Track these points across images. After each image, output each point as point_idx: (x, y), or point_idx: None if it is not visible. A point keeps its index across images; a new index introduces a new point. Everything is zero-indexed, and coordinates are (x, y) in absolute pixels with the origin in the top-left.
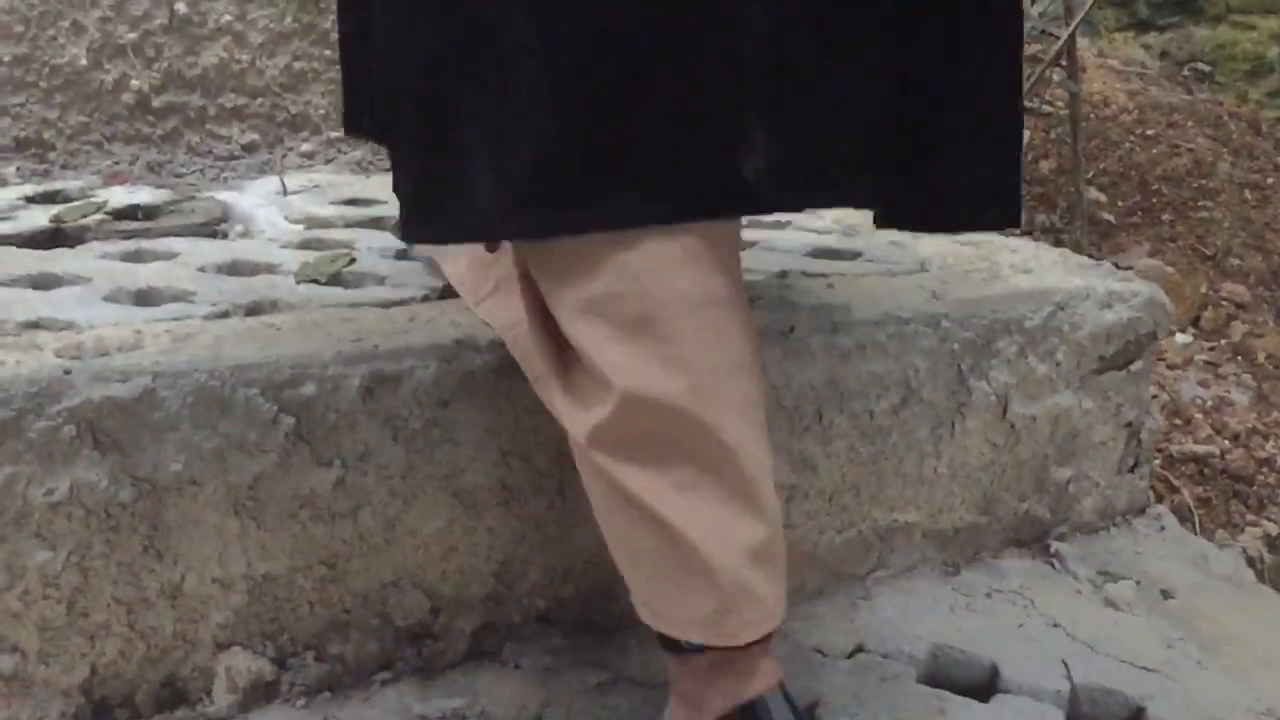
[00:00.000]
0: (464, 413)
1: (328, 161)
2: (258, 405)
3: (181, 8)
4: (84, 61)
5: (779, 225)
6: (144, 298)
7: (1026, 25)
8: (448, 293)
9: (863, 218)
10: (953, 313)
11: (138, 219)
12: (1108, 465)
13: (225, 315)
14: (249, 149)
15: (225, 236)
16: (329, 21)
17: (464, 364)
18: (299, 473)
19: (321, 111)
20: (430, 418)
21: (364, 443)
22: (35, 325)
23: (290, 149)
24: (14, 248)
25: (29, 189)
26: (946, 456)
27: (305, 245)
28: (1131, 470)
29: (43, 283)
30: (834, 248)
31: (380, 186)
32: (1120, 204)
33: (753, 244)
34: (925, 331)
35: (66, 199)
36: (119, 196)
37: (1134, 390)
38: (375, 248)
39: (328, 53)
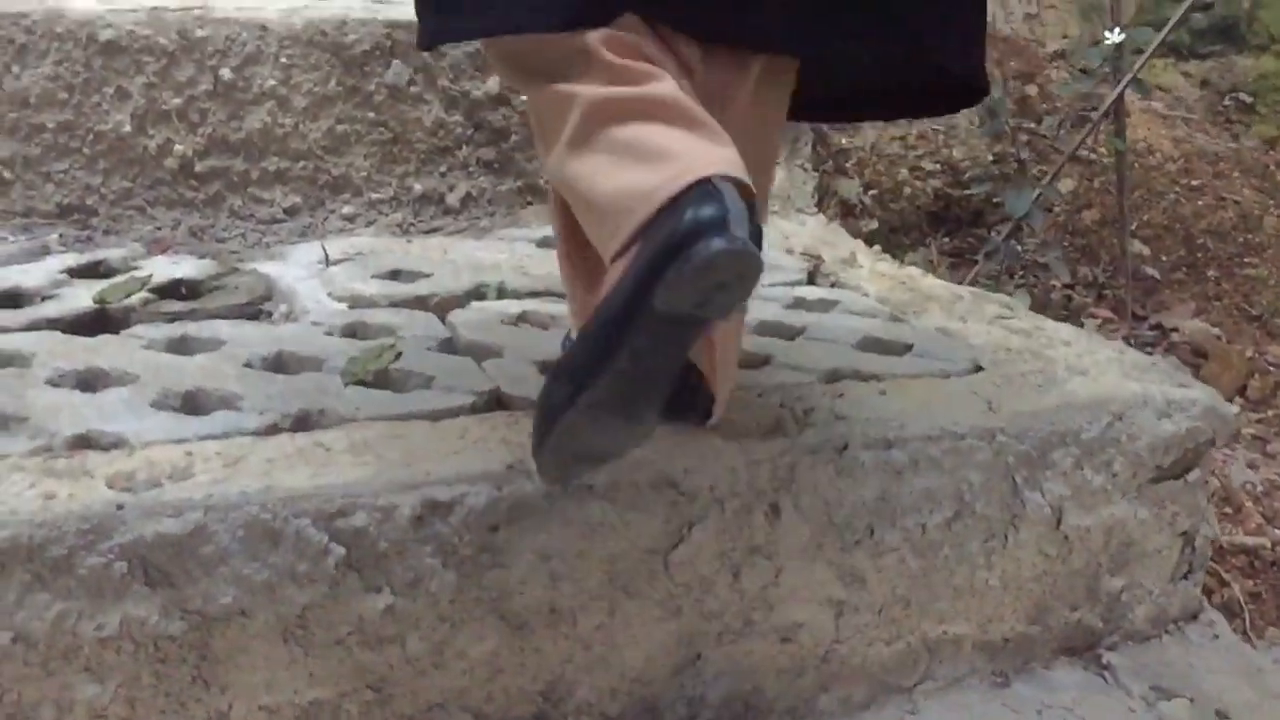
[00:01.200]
0: (514, 537)
1: (369, 224)
2: (309, 536)
3: (226, 73)
4: (128, 127)
5: (825, 308)
6: (192, 402)
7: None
8: (497, 400)
9: (906, 295)
10: (1008, 426)
11: (181, 296)
12: (1161, 573)
13: (275, 428)
14: (291, 212)
15: (270, 317)
16: (372, 84)
17: (516, 489)
18: (348, 600)
19: (363, 173)
20: (481, 543)
21: (413, 570)
22: (85, 441)
23: (332, 211)
24: (60, 333)
25: (72, 259)
26: (998, 568)
27: (350, 332)
28: (1185, 577)
29: (89, 380)
30: (882, 338)
31: (421, 254)
32: (1164, 258)
33: (801, 330)
34: (980, 446)
35: (109, 270)
36: (162, 269)
37: (1191, 499)
38: (420, 335)
39: (370, 115)
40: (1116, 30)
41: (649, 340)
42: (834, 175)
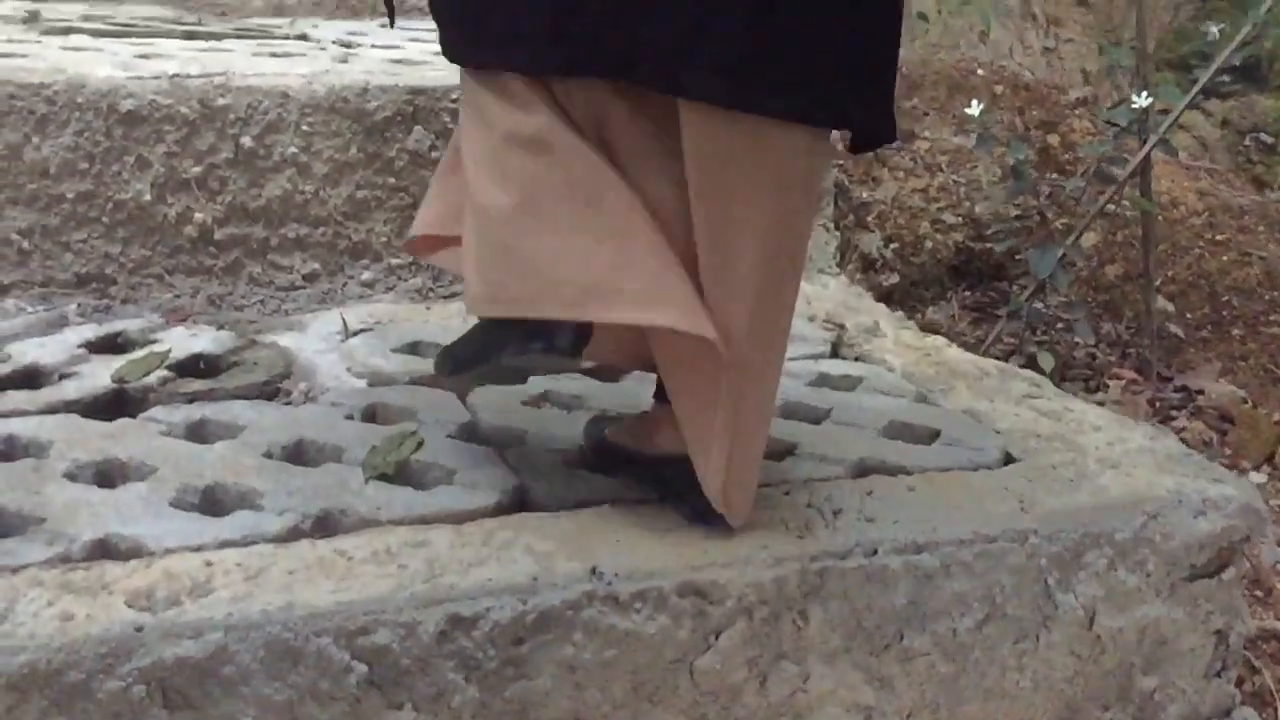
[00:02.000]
0: (539, 649)
1: (389, 289)
2: (330, 655)
3: (247, 141)
4: (148, 196)
5: (850, 385)
6: (211, 500)
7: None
8: (521, 498)
9: (931, 370)
10: (1041, 527)
11: (200, 372)
12: (1195, 671)
13: (296, 531)
14: (310, 279)
15: (289, 396)
16: (394, 149)
17: (541, 601)
18: (369, 718)
19: (383, 239)
20: (505, 656)
21: (436, 685)
22: (103, 547)
23: (351, 277)
24: (78, 416)
25: (90, 331)
26: (1030, 670)
27: (370, 415)
28: (1219, 674)
29: (108, 473)
30: (910, 423)
31: (440, 321)
32: (1189, 316)
33: (827, 413)
34: (1013, 548)
35: (128, 342)
36: (181, 343)
37: (1225, 597)
38: (441, 419)
39: (391, 180)
40: (1144, 94)
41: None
42: (854, 229)
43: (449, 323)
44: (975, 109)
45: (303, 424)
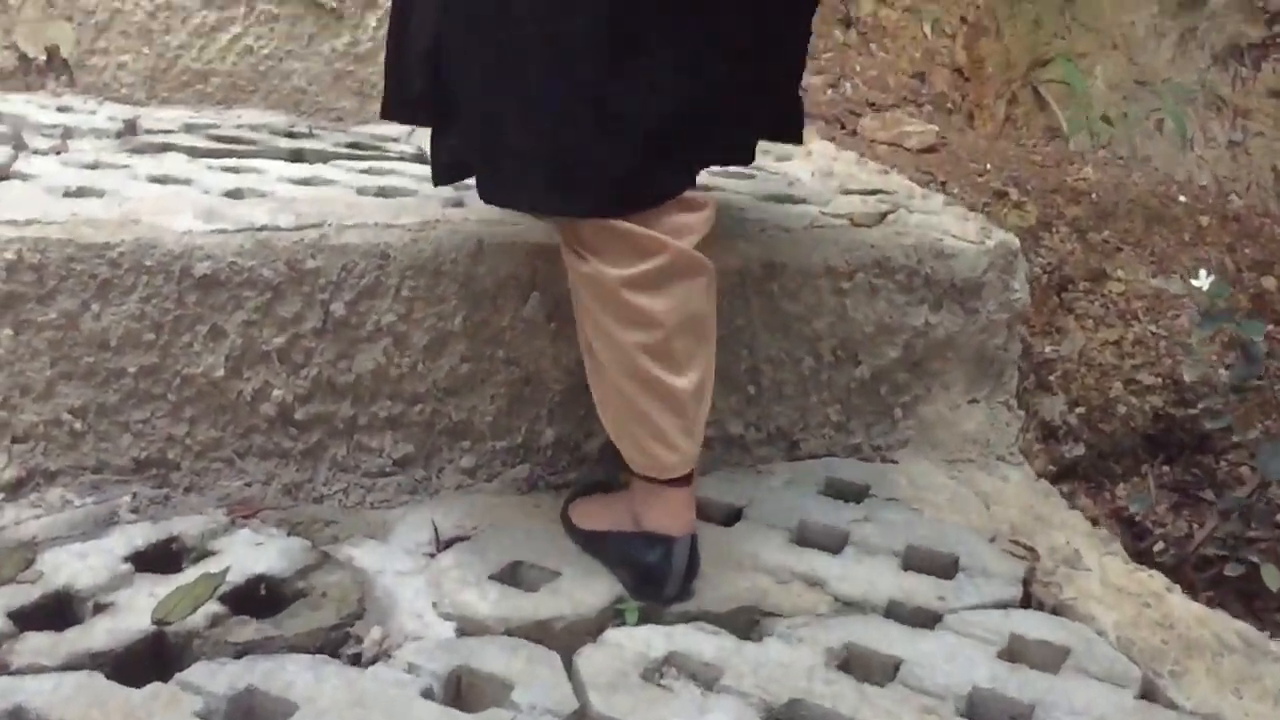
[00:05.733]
0: None
1: (491, 478)
2: None
3: (338, 308)
4: (220, 371)
5: (1053, 662)
6: None
7: None
8: None
9: (1155, 637)
10: None
11: (258, 599)
12: None
13: None
14: (402, 463)
15: (359, 646)
16: (505, 318)
17: None
18: None
19: (488, 418)
20: None
21: None
22: None
23: (449, 462)
24: (103, 677)
25: (141, 535)
26: None
27: (453, 688)
28: None
29: None
30: None
31: (546, 527)
32: None
33: (1028, 713)
34: None
35: (183, 550)
36: (242, 557)
37: None
38: (538, 700)
39: (500, 353)
40: None
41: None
42: (1035, 391)
43: (554, 527)
44: (1204, 280)
45: (368, 704)
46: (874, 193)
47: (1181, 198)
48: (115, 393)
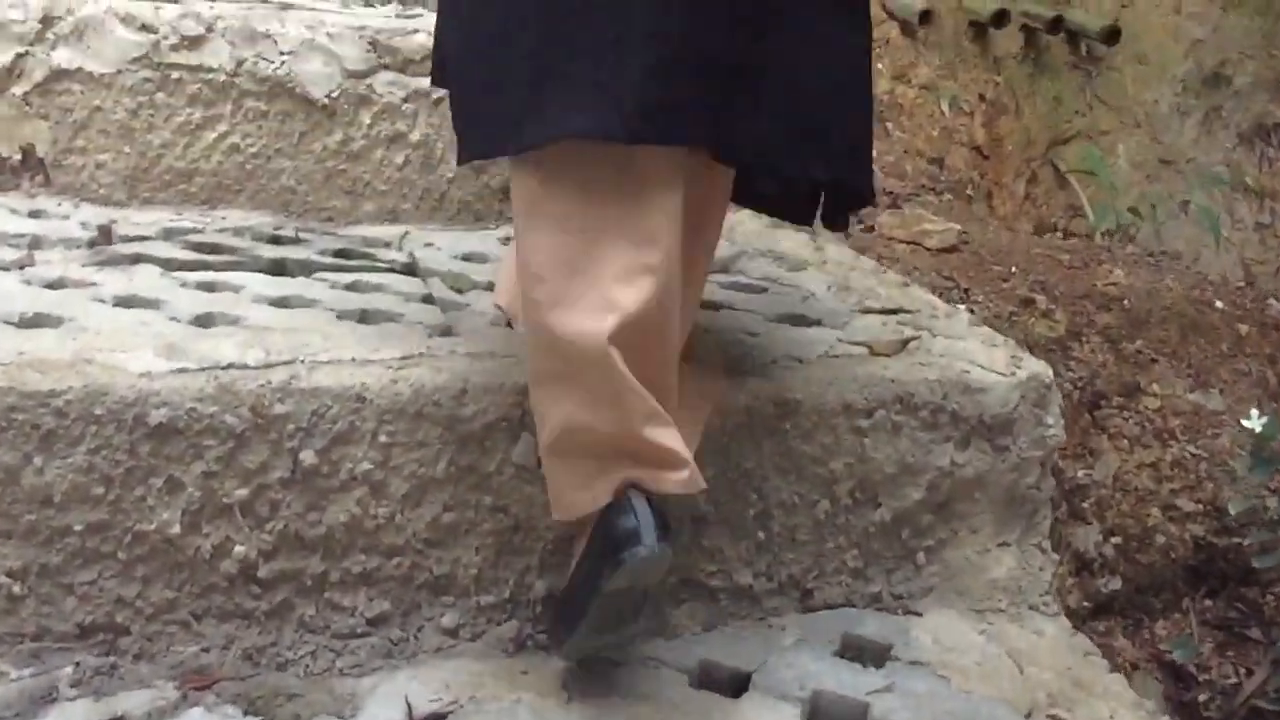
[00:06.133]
0: None
1: (475, 637)
2: None
3: (309, 457)
4: (177, 527)
5: None
6: None
7: None
8: None
9: None
10: None
11: None
12: None
13: None
14: (376, 622)
15: None
16: (493, 463)
17: None
18: None
19: (473, 571)
20: None
21: None
22: None
23: (429, 620)
24: None
25: (81, 712)
26: None
27: None
28: None
29: None
30: None
31: (535, 701)
32: None
33: None
34: None
35: None
36: None
37: None
38: None
39: (488, 499)
40: None
41: (607, 601)
42: (1068, 521)
43: (543, 700)
44: (1255, 421)
45: None
46: (894, 312)
47: (1218, 302)
48: (59, 552)
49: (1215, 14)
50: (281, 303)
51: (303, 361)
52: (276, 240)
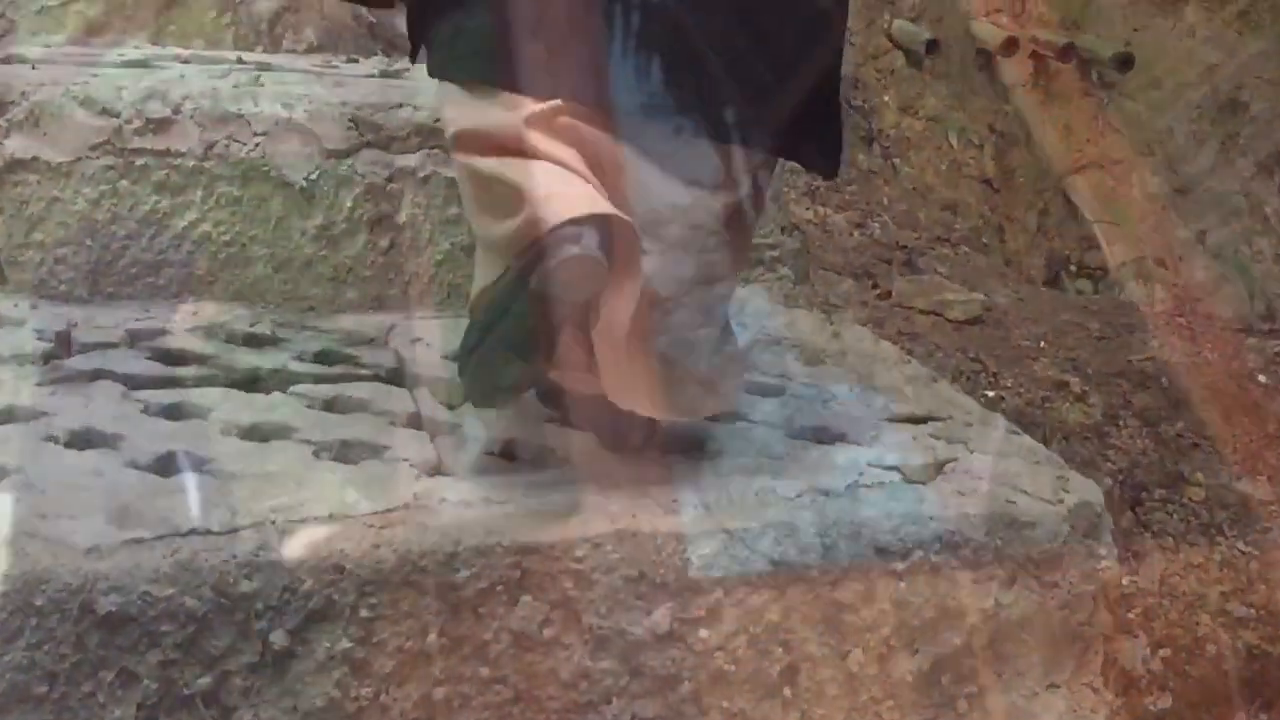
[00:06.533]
0: None
1: None
2: None
3: (280, 638)
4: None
5: None
6: None
7: None
8: None
9: None
10: None
11: None
12: None
13: None
14: None
15: None
16: (490, 630)
17: None
18: None
19: None
20: None
21: None
22: None
23: None
24: None
25: None
26: None
27: None
28: None
29: None
30: None
31: None
32: None
33: None
34: None
35: None
36: None
37: None
38: None
39: (484, 670)
40: None
41: (529, 306)
42: (1113, 637)
43: None
44: None
45: None
46: (924, 421)
47: (1261, 376)
48: None
49: (1231, 38)
50: (253, 432)
51: (274, 523)
52: (252, 339)
